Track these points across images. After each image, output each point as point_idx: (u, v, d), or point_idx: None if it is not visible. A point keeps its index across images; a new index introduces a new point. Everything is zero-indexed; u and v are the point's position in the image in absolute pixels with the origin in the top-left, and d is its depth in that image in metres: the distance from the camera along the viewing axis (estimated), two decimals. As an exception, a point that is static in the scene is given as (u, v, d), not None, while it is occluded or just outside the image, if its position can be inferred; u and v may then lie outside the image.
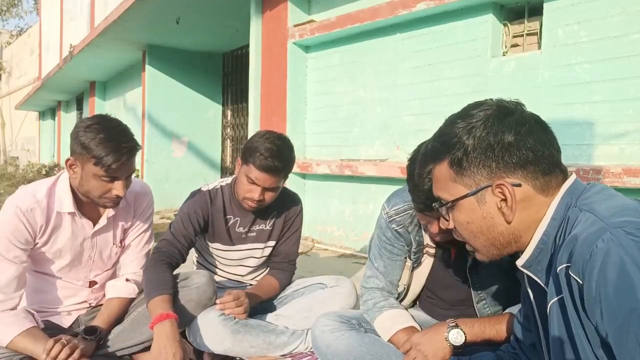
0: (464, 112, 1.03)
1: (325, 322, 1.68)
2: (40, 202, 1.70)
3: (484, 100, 1.04)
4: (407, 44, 4.10)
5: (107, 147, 1.61)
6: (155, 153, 7.73)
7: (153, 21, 6.45)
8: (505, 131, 0.96)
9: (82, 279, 1.88)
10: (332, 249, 4.64)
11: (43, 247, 1.75)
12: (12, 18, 25.71)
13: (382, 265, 1.72)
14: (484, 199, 0.99)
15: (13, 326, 1.62)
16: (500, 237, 1.00)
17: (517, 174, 0.96)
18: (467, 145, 0.98)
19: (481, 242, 1.03)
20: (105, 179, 1.65)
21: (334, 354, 1.62)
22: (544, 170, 0.97)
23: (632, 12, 2.82)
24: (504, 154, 0.96)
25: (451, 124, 1.03)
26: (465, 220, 1.02)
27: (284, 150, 1.94)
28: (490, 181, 0.97)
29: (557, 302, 0.90)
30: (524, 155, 0.95)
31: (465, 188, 1.00)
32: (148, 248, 1.99)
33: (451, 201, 1.03)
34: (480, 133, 0.97)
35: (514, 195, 0.95)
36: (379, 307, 1.69)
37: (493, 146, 0.96)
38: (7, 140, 21.40)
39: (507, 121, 0.97)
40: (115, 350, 1.81)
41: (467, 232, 1.04)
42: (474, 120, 0.99)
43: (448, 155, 1.01)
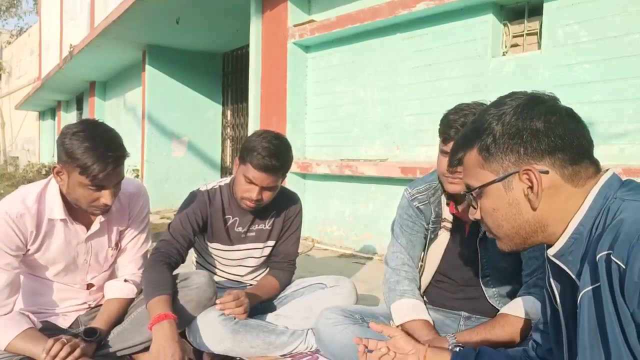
0: (497, 101, 1.04)
1: (329, 316, 1.71)
2: (30, 208, 1.66)
3: (518, 91, 1.04)
4: (407, 44, 4.10)
5: (92, 156, 1.55)
6: (155, 153, 7.73)
7: (153, 21, 6.45)
8: (534, 118, 0.96)
9: (78, 282, 1.87)
10: (332, 249, 4.64)
11: (35, 254, 1.73)
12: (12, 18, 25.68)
13: (404, 241, 1.80)
14: (510, 185, 0.99)
15: (10, 329, 1.61)
16: (526, 225, 1.00)
17: (544, 161, 0.96)
18: (495, 131, 0.98)
19: (505, 231, 1.03)
20: (91, 188, 1.61)
21: (337, 347, 1.65)
22: (573, 160, 0.96)
23: (632, 12, 2.82)
24: (532, 139, 0.96)
25: (483, 112, 1.04)
26: (491, 207, 1.02)
27: (281, 149, 1.93)
28: (518, 167, 0.97)
29: (591, 291, 0.89)
30: (552, 142, 0.95)
31: (493, 174, 1.00)
32: (145, 249, 1.97)
33: (478, 187, 1.03)
34: (510, 119, 0.97)
35: (541, 182, 0.95)
36: (401, 292, 1.73)
37: (521, 132, 0.96)
38: (7, 140, 21.41)
39: (537, 109, 0.97)
40: (116, 350, 1.81)
41: (492, 219, 1.04)
42: (505, 107, 0.99)
43: (478, 141, 1.02)
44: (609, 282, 0.84)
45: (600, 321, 0.87)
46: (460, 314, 1.77)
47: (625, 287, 0.81)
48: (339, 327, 1.66)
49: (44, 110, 18.29)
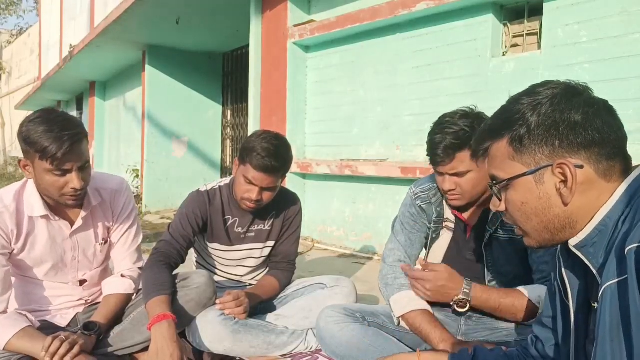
0: (530, 90, 1.00)
1: (331, 314, 1.72)
2: (8, 206, 1.66)
3: (551, 80, 1.01)
4: (407, 44, 4.10)
5: (48, 138, 1.55)
6: (155, 153, 7.73)
7: (153, 21, 6.45)
8: (572, 110, 0.93)
9: (70, 279, 1.87)
10: (332, 249, 4.64)
11: (21, 254, 1.72)
12: (11, 16, 25.69)
13: (403, 239, 1.81)
14: (542, 179, 0.95)
15: (8, 328, 1.60)
16: (556, 220, 0.96)
17: (580, 155, 0.92)
18: (530, 122, 0.95)
19: (533, 225, 0.99)
20: (56, 173, 1.60)
21: (338, 345, 1.65)
22: (609, 155, 0.93)
23: (632, 12, 2.82)
24: (569, 132, 0.92)
25: (515, 101, 0.99)
26: (519, 200, 0.99)
27: (281, 149, 1.94)
28: (552, 160, 0.94)
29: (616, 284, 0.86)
30: (590, 136, 0.92)
31: (524, 166, 0.96)
32: (138, 243, 1.97)
33: (507, 179, 0.99)
34: (546, 110, 0.94)
35: (576, 177, 0.92)
36: (398, 285, 1.73)
37: (558, 124, 0.93)
38: (7, 140, 21.41)
39: (575, 100, 0.94)
40: (116, 350, 1.81)
41: (520, 213, 1.00)
42: (540, 97, 0.96)
43: (509, 131, 0.98)
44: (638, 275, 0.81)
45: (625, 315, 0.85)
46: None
47: None
48: (340, 326, 1.67)
49: (44, 110, 18.26)
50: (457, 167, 1.57)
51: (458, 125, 1.55)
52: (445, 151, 1.55)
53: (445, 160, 1.56)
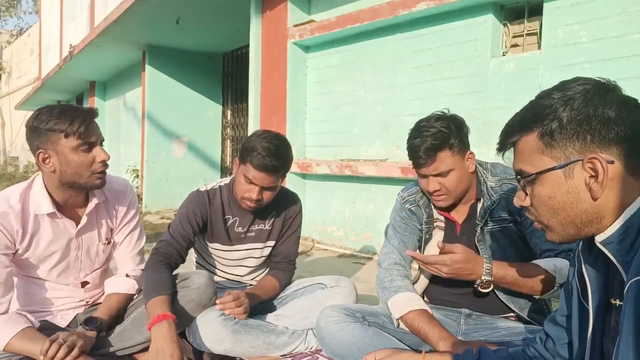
0: (561, 85, 1.00)
1: (331, 314, 1.72)
2: (14, 206, 1.66)
3: (581, 76, 1.01)
4: (407, 44, 4.10)
5: (68, 115, 1.62)
6: (155, 153, 7.73)
7: (153, 21, 6.45)
8: (606, 105, 0.93)
9: (72, 280, 1.87)
10: (332, 249, 4.64)
11: (25, 253, 1.72)
12: (11, 17, 25.70)
13: (397, 242, 1.83)
14: (572, 174, 0.95)
15: (7, 329, 1.60)
16: (583, 214, 0.96)
17: (611, 150, 0.92)
18: (562, 116, 0.95)
19: (560, 219, 0.99)
20: (83, 149, 1.64)
21: (338, 344, 1.65)
22: (638, 152, 0.93)
23: (632, 12, 2.82)
24: (601, 127, 0.92)
25: (546, 95, 1.00)
26: (547, 194, 0.98)
27: (281, 149, 1.93)
28: (582, 155, 0.94)
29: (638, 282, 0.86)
30: (622, 132, 0.92)
31: (553, 161, 0.96)
32: (141, 245, 1.98)
33: (536, 173, 0.99)
34: (579, 105, 0.94)
35: (607, 172, 0.91)
36: (395, 287, 1.74)
37: (591, 118, 0.93)
38: (7, 140, 21.40)
39: (608, 97, 0.94)
40: (116, 350, 1.80)
41: (547, 207, 1.00)
42: (571, 92, 0.96)
43: (539, 125, 0.98)
44: None
45: None
46: (461, 312, 1.77)
47: None
48: (340, 325, 1.67)
49: (44, 110, 18.25)
50: (440, 167, 1.63)
51: (435, 127, 1.62)
52: (426, 153, 1.62)
53: (427, 161, 1.63)
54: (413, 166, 1.70)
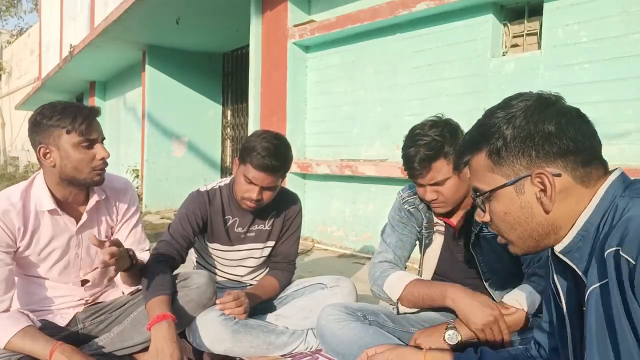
0: (504, 103, 1.03)
1: (331, 312, 1.72)
2: (15, 204, 1.67)
3: (524, 92, 1.03)
4: (407, 44, 4.10)
5: (70, 112, 1.64)
6: (155, 153, 7.73)
7: (153, 21, 6.45)
8: (546, 120, 0.95)
9: (72, 279, 1.87)
10: (332, 249, 4.64)
11: (26, 250, 1.73)
12: (11, 17, 25.72)
13: (393, 241, 1.84)
14: (522, 189, 0.98)
15: (9, 327, 1.60)
16: (539, 227, 0.99)
17: (557, 164, 0.95)
18: (506, 134, 0.97)
19: (518, 234, 1.02)
20: (84, 145, 1.66)
21: (339, 343, 1.65)
22: (585, 161, 0.95)
23: (632, 12, 2.82)
24: (544, 142, 0.95)
25: (490, 114, 1.02)
26: (502, 210, 1.01)
27: (281, 149, 1.94)
28: (530, 170, 0.96)
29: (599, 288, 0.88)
30: (565, 144, 0.94)
31: (504, 178, 0.99)
32: (145, 246, 1.97)
33: (489, 191, 1.01)
34: (521, 122, 0.96)
35: (554, 185, 0.94)
36: (385, 273, 1.76)
37: (533, 135, 0.95)
38: (7, 140, 21.40)
39: (548, 111, 0.97)
40: (116, 350, 1.81)
41: (504, 223, 1.02)
42: (513, 109, 0.98)
43: (486, 145, 1.00)
44: (618, 278, 0.84)
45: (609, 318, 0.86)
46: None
47: (635, 282, 0.80)
48: (341, 324, 1.67)
49: (44, 110, 18.24)
50: (436, 177, 1.60)
51: (429, 135, 1.59)
52: (421, 163, 1.58)
53: (422, 172, 1.60)
54: (408, 176, 1.68)
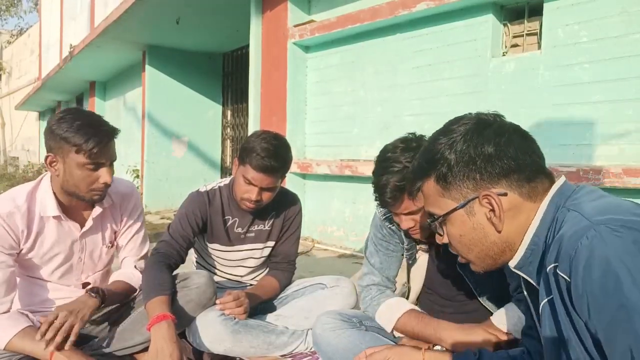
0: (445, 128, 1.06)
1: (327, 321, 1.69)
2: (20, 207, 1.66)
3: (463, 115, 1.07)
4: (407, 44, 4.10)
5: (86, 132, 1.58)
6: (155, 153, 7.73)
7: (153, 21, 6.45)
8: (484, 143, 0.99)
9: (73, 282, 1.87)
10: (332, 249, 4.64)
11: (29, 253, 1.72)
12: (12, 17, 25.73)
13: (378, 262, 1.76)
14: (472, 211, 1.01)
15: (9, 328, 1.61)
16: (494, 246, 1.02)
17: (501, 184, 0.98)
18: (449, 160, 1.00)
19: (475, 254, 1.05)
20: (89, 167, 1.62)
21: (335, 352, 1.63)
22: (528, 177, 0.99)
23: (632, 12, 2.82)
24: (486, 165, 0.98)
25: (433, 141, 1.05)
26: (457, 233, 1.05)
27: (280, 149, 1.93)
28: (477, 192, 0.99)
29: (548, 302, 0.91)
30: (506, 164, 0.98)
31: (454, 202, 1.02)
32: (145, 248, 1.97)
33: (442, 215, 1.05)
34: (461, 147, 1.00)
35: (501, 205, 0.97)
36: (376, 301, 1.71)
37: (474, 158, 0.98)
38: (7, 140, 21.40)
39: (485, 133, 1.00)
40: (116, 350, 1.81)
41: (460, 245, 1.06)
42: (454, 135, 1.01)
43: (433, 171, 1.04)
44: (560, 294, 0.86)
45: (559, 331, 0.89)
46: None
47: (573, 298, 0.83)
48: (337, 332, 1.64)
49: (44, 110, 18.29)
50: (409, 207, 1.49)
51: (400, 162, 1.46)
52: (392, 194, 1.47)
53: (395, 203, 1.49)
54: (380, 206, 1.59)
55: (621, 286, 0.76)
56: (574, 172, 2.85)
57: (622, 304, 0.75)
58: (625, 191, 2.78)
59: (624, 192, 2.78)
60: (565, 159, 3.07)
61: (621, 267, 0.76)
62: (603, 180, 2.75)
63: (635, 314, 0.74)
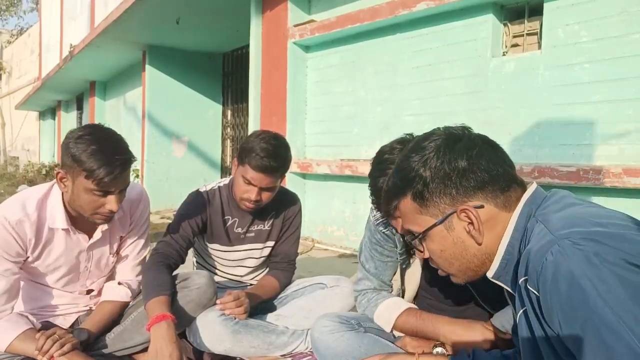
0: (416, 145, 1.06)
1: (325, 323, 1.68)
2: (30, 215, 1.63)
3: (433, 131, 1.08)
4: (407, 44, 4.10)
5: (99, 159, 1.52)
6: (155, 153, 7.74)
7: (153, 21, 6.45)
8: (457, 158, 1.00)
9: (78, 288, 1.87)
10: (332, 249, 4.64)
11: (35, 262, 1.71)
12: (12, 17, 25.73)
13: (372, 267, 1.74)
14: (452, 226, 1.02)
15: (9, 330, 1.61)
16: (474, 259, 1.03)
17: (477, 196, 1.00)
18: (425, 177, 1.01)
19: (457, 267, 1.06)
20: (97, 194, 1.57)
21: (333, 355, 1.62)
22: (502, 188, 1.00)
23: (632, 12, 2.82)
24: (461, 179, 0.99)
25: (406, 158, 1.06)
26: (438, 248, 1.05)
27: (279, 149, 1.93)
28: (454, 207, 1.00)
29: (523, 313, 0.93)
30: (480, 177, 0.99)
31: (432, 218, 1.03)
32: (144, 255, 1.96)
33: (421, 232, 1.05)
34: (435, 163, 1.00)
35: (479, 217, 0.98)
36: (373, 302, 1.71)
37: (449, 174, 0.99)
38: (7, 140, 21.41)
39: (456, 148, 1.01)
40: (116, 350, 1.81)
41: (442, 259, 1.07)
42: (426, 152, 1.02)
43: (409, 189, 1.04)
44: (532, 307, 0.88)
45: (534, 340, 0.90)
46: None
47: (543, 311, 0.84)
48: (335, 335, 1.63)
49: (44, 110, 18.29)
50: None
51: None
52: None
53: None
54: (376, 209, 1.59)
55: (587, 299, 0.76)
56: (574, 172, 2.85)
57: (589, 317, 0.76)
58: (625, 191, 2.78)
59: (624, 192, 2.78)
60: (565, 159, 3.07)
61: (585, 280, 0.77)
62: (603, 180, 2.75)
63: (602, 326, 0.75)
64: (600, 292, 0.76)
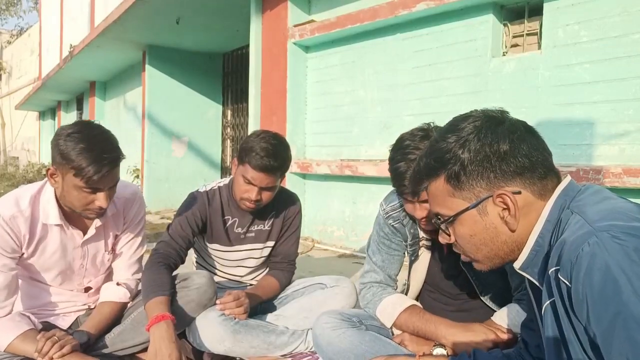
0: (452, 126, 1.03)
1: (327, 320, 1.69)
2: (24, 211, 1.64)
3: (470, 112, 1.05)
4: (407, 44, 4.10)
5: (87, 157, 1.52)
6: (155, 153, 7.73)
7: (153, 21, 6.45)
8: (499, 141, 0.97)
9: (76, 286, 1.87)
10: (332, 249, 4.64)
11: (31, 258, 1.72)
12: (11, 17, 25.73)
13: (380, 260, 1.76)
14: (485, 210, 0.99)
15: (10, 330, 1.61)
16: (504, 246, 1.00)
17: (515, 182, 0.97)
18: (463, 158, 0.98)
19: (484, 253, 1.03)
20: (86, 190, 1.58)
21: (335, 352, 1.63)
22: (540, 175, 0.97)
23: (632, 12, 2.82)
24: (501, 163, 0.96)
25: (442, 139, 1.02)
26: (468, 233, 1.02)
27: (279, 149, 1.93)
28: (490, 192, 0.97)
29: (550, 304, 0.91)
30: (520, 162, 0.96)
31: (465, 201, 1.00)
32: (140, 253, 1.96)
33: (452, 216, 1.02)
34: (475, 145, 0.97)
35: (516, 203, 0.96)
36: (377, 297, 1.72)
37: (489, 157, 0.96)
38: (7, 140, 21.40)
39: (499, 130, 0.98)
40: (116, 350, 1.81)
41: (470, 244, 1.04)
42: (464, 133, 0.99)
43: (443, 170, 1.01)
44: (561, 298, 0.86)
45: (561, 332, 0.89)
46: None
47: (574, 303, 0.83)
48: (337, 332, 1.64)
49: (44, 110, 18.29)
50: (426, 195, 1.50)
51: (420, 149, 1.46)
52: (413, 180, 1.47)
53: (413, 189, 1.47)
54: (397, 192, 1.59)
55: (620, 294, 0.76)
56: (574, 172, 2.85)
57: (620, 311, 0.76)
58: (625, 191, 2.78)
59: (624, 192, 2.78)
60: (565, 159, 3.07)
61: (621, 274, 0.76)
62: (603, 180, 2.75)
63: (633, 322, 0.74)
64: (636, 288, 0.75)
